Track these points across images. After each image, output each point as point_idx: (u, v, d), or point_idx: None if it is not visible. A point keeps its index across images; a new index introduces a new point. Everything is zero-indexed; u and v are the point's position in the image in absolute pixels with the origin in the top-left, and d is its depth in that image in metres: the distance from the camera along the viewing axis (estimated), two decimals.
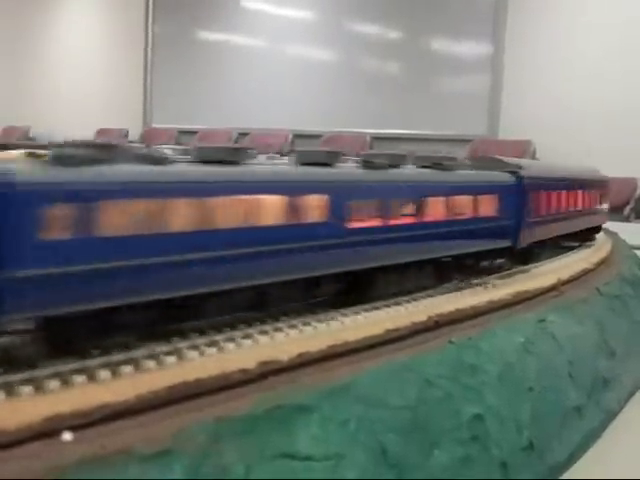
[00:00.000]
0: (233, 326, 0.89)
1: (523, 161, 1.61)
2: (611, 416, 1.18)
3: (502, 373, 0.95)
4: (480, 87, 7.39)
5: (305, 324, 0.87)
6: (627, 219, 5.24)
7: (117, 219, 0.76)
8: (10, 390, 0.67)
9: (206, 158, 0.91)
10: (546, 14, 6.92)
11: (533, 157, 6.70)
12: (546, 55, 6.88)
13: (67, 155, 0.75)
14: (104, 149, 0.80)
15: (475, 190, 1.35)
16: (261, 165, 1.02)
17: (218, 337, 0.84)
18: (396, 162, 1.21)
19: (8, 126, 11.56)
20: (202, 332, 0.87)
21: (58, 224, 0.71)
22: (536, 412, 0.97)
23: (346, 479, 0.68)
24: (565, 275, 1.37)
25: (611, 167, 5.91)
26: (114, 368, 0.74)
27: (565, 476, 0.98)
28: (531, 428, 0.94)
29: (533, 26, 7.02)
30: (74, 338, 0.77)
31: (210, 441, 0.63)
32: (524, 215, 1.48)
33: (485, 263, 1.42)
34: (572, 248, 1.75)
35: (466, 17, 7.57)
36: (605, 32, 6.52)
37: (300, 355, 0.77)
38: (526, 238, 1.48)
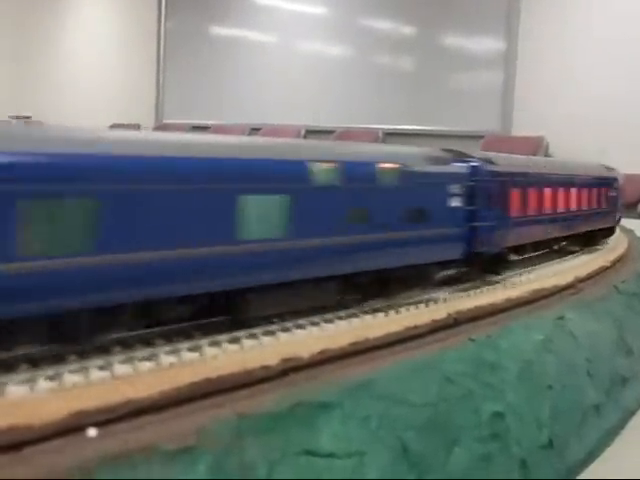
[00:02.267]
0: (254, 323, 0.89)
1: (496, 155, 1.46)
2: (629, 414, 1.18)
3: (522, 371, 0.95)
4: (493, 83, 7.37)
5: (327, 321, 0.87)
6: None
7: None
8: (35, 386, 0.67)
9: None
10: (560, 9, 6.90)
11: (546, 153, 6.68)
12: (559, 51, 6.85)
13: None
14: None
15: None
16: None
17: (239, 334, 0.85)
18: None
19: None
20: (223, 329, 0.87)
21: None
22: (555, 410, 0.97)
23: (368, 477, 0.68)
24: (583, 273, 1.37)
25: (626, 163, 5.88)
26: (137, 364, 0.74)
27: (584, 474, 0.98)
28: (551, 426, 0.94)
29: (546, 22, 6.99)
30: None
31: (233, 438, 0.63)
32: (481, 217, 1.26)
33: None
34: (571, 253, 1.70)
35: (479, 13, 7.55)
36: (622, 27, 6.49)
37: (322, 352, 0.77)
38: (486, 244, 1.25)
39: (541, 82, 7.00)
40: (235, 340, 0.82)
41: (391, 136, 7.80)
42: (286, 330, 0.85)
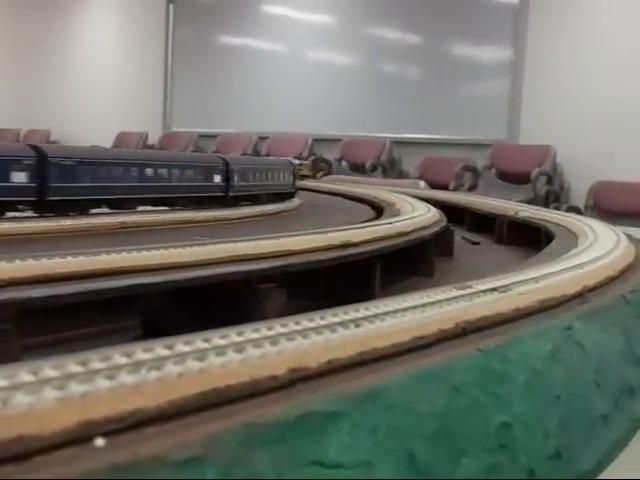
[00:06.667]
0: (257, 331, 0.89)
1: None
2: (638, 424, 1.17)
3: (529, 381, 0.95)
4: (501, 92, 7.38)
5: (332, 331, 0.87)
6: None
7: None
8: (42, 396, 0.67)
9: None
10: (568, 18, 6.91)
11: (554, 162, 6.68)
12: (567, 59, 6.86)
13: None
14: None
15: None
16: None
17: (245, 343, 0.84)
18: None
19: (29, 130, 11.67)
20: (225, 336, 0.87)
21: None
22: (563, 420, 0.97)
23: None
24: (590, 282, 1.37)
25: (634, 172, 5.87)
26: (143, 374, 0.74)
27: None
28: (558, 436, 0.94)
29: (555, 30, 7.01)
30: None
31: (241, 448, 0.63)
32: None
33: None
34: None
35: (487, 21, 7.57)
36: (630, 35, 6.50)
37: (329, 362, 0.77)
38: None
39: (549, 91, 7.01)
40: (241, 350, 0.82)
41: (398, 145, 7.82)
42: (291, 340, 0.85)
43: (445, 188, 6.07)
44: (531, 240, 2.52)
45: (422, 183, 5.68)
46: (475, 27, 7.62)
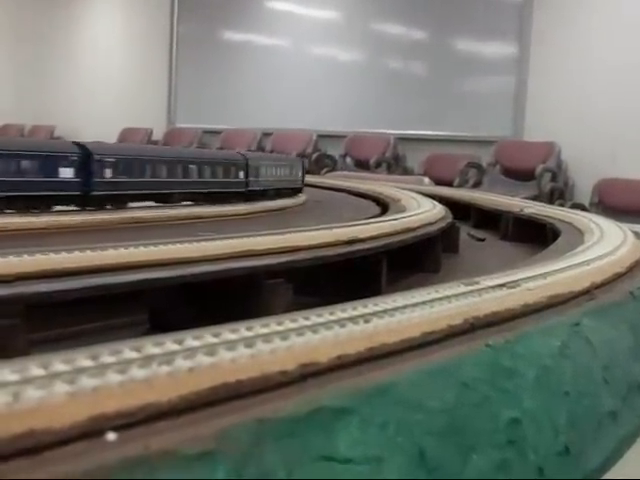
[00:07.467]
0: (267, 326, 0.89)
1: None
2: None
3: (538, 377, 0.95)
4: (505, 88, 7.37)
5: (342, 326, 0.87)
6: None
7: None
8: (52, 390, 0.67)
9: None
10: (573, 14, 6.90)
11: (558, 158, 6.67)
12: (573, 56, 6.85)
13: None
14: None
15: None
16: None
17: (255, 338, 0.84)
18: None
19: (34, 125, 11.69)
20: (234, 331, 0.86)
21: None
22: (572, 417, 0.97)
23: None
24: (598, 279, 1.36)
25: (639, 169, 5.86)
26: (154, 368, 0.74)
27: None
28: (567, 433, 0.94)
29: (559, 26, 7.00)
30: None
31: (252, 443, 0.63)
32: None
33: None
34: None
35: (491, 17, 7.56)
36: (635, 32, 6.48)
37: (339, 357, 0.77)
38: None
39: (553, 87, 7.00)
40: (251, 345, 0.82)
41: (403, 141, 7.81)
42: (301, 335, 0.85)
43: (450, 185, 6.07)
44: (537, 237, 2.52)
45: (426, 180, 5.69)
46: (480, 23, 7.61)
